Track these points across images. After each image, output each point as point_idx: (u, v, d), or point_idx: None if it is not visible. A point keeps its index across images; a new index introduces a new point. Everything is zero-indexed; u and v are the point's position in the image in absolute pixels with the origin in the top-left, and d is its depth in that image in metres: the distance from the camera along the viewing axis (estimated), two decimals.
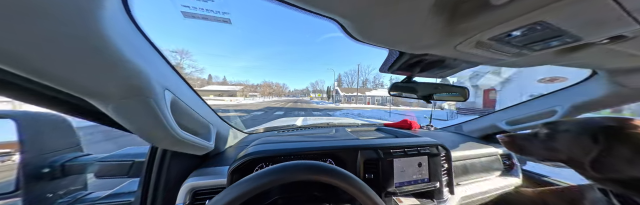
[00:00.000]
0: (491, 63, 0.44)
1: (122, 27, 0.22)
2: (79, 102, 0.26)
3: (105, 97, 0.25)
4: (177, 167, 0.48)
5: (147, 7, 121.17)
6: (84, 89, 0.23)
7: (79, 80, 0.22)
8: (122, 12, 0.22)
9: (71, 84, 0.22)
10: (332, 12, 0.25)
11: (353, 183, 0.30)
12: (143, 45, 0.26)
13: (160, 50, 0.30)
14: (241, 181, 0.27)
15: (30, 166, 0.39)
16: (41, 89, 0.23)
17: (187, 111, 0.39)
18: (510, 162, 0.83)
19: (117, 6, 0.20)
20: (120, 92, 0.25)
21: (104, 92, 0.24)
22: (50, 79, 0.20)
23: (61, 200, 0.45)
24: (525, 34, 0.29)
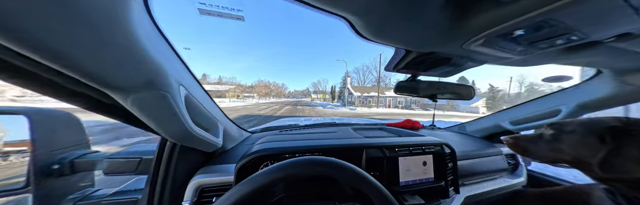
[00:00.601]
0: (497, 62, 0.45)
1: (145, 26, 0.23)
2: (100, 98, 0.27)
3: (126, 90, 0.26)
4: (184, 164, 0.49)
5: (163, 6, 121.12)
6: (108, 82, 0.24)
7: (104, 74, 0.23)
8: (144, 13, 0.23)
9: (97, 78, 0.23)
10: (343, 10, 0.25)
11: (367, 181, 0.30)
12: (161, 43, 0.27)
13: (175, 47, 0.31)
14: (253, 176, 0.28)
15: (40, 162, 0.40)
16: (65, 83, 0.24)
17: (198, 107, 0.40)
18: (515, 162, 0.83)
19: (141, 8, 0.21)
20: (139, 86, 0.26)
21: (125, 86, 0.25)
22: (83, 75, 0.22)
23: (70, 196, 0.45)
24: (532, 32, 0.29)
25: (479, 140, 0.92)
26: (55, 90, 0.24)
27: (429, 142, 0.63)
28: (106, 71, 0.23)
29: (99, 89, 0.24)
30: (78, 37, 0.18)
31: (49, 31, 0.17)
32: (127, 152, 0.50)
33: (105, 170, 0.47)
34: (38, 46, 0.18)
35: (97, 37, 0.19)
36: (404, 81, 0.58)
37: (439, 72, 0.54)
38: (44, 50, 0.18)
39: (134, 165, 0.48)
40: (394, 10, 0.25)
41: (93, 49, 0.20)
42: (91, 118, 0.56)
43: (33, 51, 0.18)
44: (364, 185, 0.30)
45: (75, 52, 0.19)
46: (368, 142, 0.60)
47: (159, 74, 0.26)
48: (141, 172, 0.49)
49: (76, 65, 0.20)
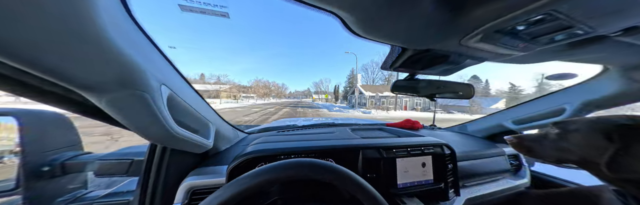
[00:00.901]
0: (497, 59, 0.43)
1: (117, 20, 0.22)
2: (77, 98, 0.26)
3: (99, 90, 0.25)
4: (176, 166, 0.48)
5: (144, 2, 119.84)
6: (77, 81, 0.23)
7: (71, 72, 0.22)
8: (120, 8, 0.22)
9: (64, 76, 0.22)
10: (332, 5, 0.24)
11: (354, 182, 0.29)
12: (139, 39, 0.26)
13: (158, 45, 0.30)
14: (239, 179, 0.26)
15: (30, 164, 0.39)
16: (39, 83, 0.23)
17: (185, 108, 0.39)
18: (518, 163, 0.81)
19: (116, 3, 0.20)
20: (113, 86, 0.24)
21: (97, 85, 0.24)
22: (44, 71, 0.20)
23: (61, 198, 0.45)
24: (533, 26, 0.28)
25: (481, 141, 0.90)
26: (33, 92, 0.23)
27: (427, 143, 0.61)
28: (70, 67, 0.21)
29: (69, 87, 0.23)
30: (34, 26, 0.17)
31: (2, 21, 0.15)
32: (119, 153, 0.50)
33: (97, 172, 0.46)
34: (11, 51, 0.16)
35: (57, 28, 0.18)
36: (402, 80, 0.56)
37: (437, 71, 0.52)
38: (13, 57, 0.17)
39: (125, 167, 0.48)
40: (384, 4, 0.23)
41: (52, 41, 0.18)
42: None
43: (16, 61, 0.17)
44: (355, 189, 0.29)
45: (30, 43, 0.18)
46: (365, 142, 0.59)
47: (134, 73, 0.25)
48: (133, 173, 0.48)
49: (32, 59, 0.19)
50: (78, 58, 0.21)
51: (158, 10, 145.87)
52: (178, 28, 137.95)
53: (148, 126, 0.30)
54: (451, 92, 0.61)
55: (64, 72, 0.21)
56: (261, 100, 48.84)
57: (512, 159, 0.81)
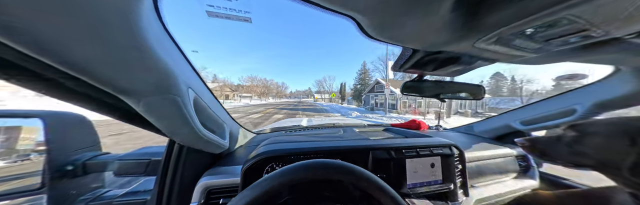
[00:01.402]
0: (508, 60, 0.43)
1: (155, 29, 0.23)
2: (113, 101, 0.28)
3: (137, 94, 0.26)
4: (191, 166, 0.49)
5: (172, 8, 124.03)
6: (119, 86, 0.24)
7: (115, 78, 0.23)
8: (154, 16, 0.23)
9: (107, 82, 0.23)
10: (351, 9, 0.24)
11: (374, 183, 0.30)
12: (170, 46, 0.27)
13: (183, 50, 0.31)
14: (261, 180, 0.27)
15: (55, 164, 0.41)
16: (78, 87, 0.24)
17: (205, 110, 0.40)
18: (527, 164, 0.80)
19: (151, 11, 0.22)
20: (150, 90, 0.26)
21: (136, 90, 0.26)
22: (91, 77, 0.22)
23: (82, 197, 0.46)
24: (549, 29, 0.28)
25: (488, 141, 0.90)
26: (70, 95, 0.25)
27: (437, 144, 0.62)
28: (117, 75, 0.23)
29: (111, 93, 0.25)
30: (88, 40, 0.19)
31: (59, 34, 0.17)
32: (137, 153, 0.51)
33: (116, 172, 0.48)
34: (48, 49, 0.18)
35: (107, 40, 0.19)
36: (412, 81, 0.57)
37: (447, 72, 0.52)
38: (54, 54, 0.18)
39: (143, 167, 0.49)
40: (404, 8, 0.24)
41: (103, 52, 0.20)
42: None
43: (44, 55, 0.18)
44: (375, 190, 0.30)
45: (86, 55, 0.19)
46: (374, 143, 0.59)
47: (169, 78, 0.27)
48: (150, 173, 0.49)
49: (86, 68, 0.21)
50: (124, 66, 0.22)
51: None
52: (176, 28, 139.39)
53: (179, 128, 0.31)
54: (461, 93, 0.61)
55: (111, 79, 0.23)
56: (257, 100, 45.37)
57: (520, 160, 0.80)
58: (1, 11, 0.14)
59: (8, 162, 0.34)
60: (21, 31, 0.16)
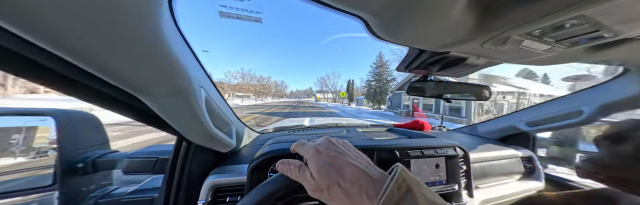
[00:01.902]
0: (516, 60, 0.43)
1: (171, 30, 0.24)
2: (131, 102, 0.29)
3: (153, 94, 0.27)
4: (198, 164, 0.50)
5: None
6: (138, 86, 0.25)
7: (135, 78, 0.24)
8: (170, 18, 0.24)
9: (128, 82, 0.24)
10: (361, 9, 0.24)
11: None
12: (183, 46, 0.27)
13: (194, 50, 0.32)
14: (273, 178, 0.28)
15: (66, 161, 0.42)
16: (102, 88, 0.25)
17: (214, 109, 0.41)
18: (532, 165, 0.80)
19: (167, 14, 0.22)
20: (166, 89, 0.27)
21: (152, 89, 0.26)
22: (113, 77, 0.23)
23: (92, 194, 0.47)
24: (559, 30, 0.27)
25: (493, 142, 0.89)
26: (88, 94, 0.26)
27: (441, 144, 0.62)
28: (136, 75, 0.24)
29: (129, 92, 0.25)
30: (112, 43, 0.19)
31: (81, 33, 0.18)
32: (145, 152, 0.52)
33: (125, 169, 0.48)
34: (72, 47, 0.19)
35: (128, 43, 0.20)
36: (417, 82, 0.57)
37: (452, 72, 0.52)
38: (78, 52, 0.19)
39: (151, 165, 0.50)
40: (414, 10, 0.24)
41: (124, 54, 0.21)
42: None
43: (69, 53, 0.19)
44: None
45: (109, 56, 0.20)
46: (379, 144, 0.59)
47: (184, 78, 0.27)
48: (157, 171, 0.50)
49: (109, 69, 0.22)
50: (142, 67, 0.23)
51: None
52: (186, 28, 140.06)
53: (192, 126, 0.32)
54: (467, 93, 0.61)
55: (130, 79, 0.24)
56: (252, 100, 38.39)
57: (525, 161, 0.80)
58: (38, 18, 0.15)
59: (28, 158, 0.35)
60: (57, 35, 0.17)
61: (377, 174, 0.21)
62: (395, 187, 0.18)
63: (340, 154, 0.25)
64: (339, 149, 0.26)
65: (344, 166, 0.22)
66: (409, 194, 0.18)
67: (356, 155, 0.26)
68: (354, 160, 0.24)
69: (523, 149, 0.81)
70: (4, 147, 0.35)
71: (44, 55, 0.19)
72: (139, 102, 0.28)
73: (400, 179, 0.19)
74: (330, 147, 0.26)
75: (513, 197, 0.69)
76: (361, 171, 0.22)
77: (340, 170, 0.22)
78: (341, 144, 0.28)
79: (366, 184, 0.20)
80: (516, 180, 0.76)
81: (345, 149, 0.26)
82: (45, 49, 0.18)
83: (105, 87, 0.25)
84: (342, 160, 0.23)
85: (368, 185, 0.20)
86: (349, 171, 0.22)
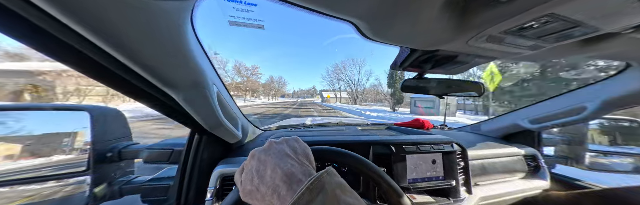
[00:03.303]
0: (507, 57, 0.44)
1: (191, 37, 0.29)
2: (159, 96, 0.35)
3: (180, 89, 0.33)
4: (209, 156, 0.55)
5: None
6: (168, 82, 0.31)
7: (167, 76, 0.30)
8: (190, 27, 0.29)
9: (162, 79, 0.30)
10: (350, 15, 0.27)
11: (368, 166, 0.33)
12: (199, 49, 0.33)
13: (208, 52, 0.37)
14: None
15: (98, 151, 0.48)
16: (138, 82, 0.31)
17: (224, 104, 0.46)
18: (536, 164, 0.78)
19: (188, 24, 0.27)
20: (188, 85, 0.33)
21: (178, 85, 0.32)
22: (150, 73, 0.29)
23: (118, 180, 0.53)
24: (538, 27, 0.29)
25: (495, 141, 0.88)
26: (129, 89, 0.32)
27: (438, 141, 0.63)
28: (168, 73, 0.30)
29: (161, 88, 0.31)
30: (151, 47, 0.25)
31: (138, 44, 0.24)
32: (162, 144, 0.58)
33: (145, 160, 0.55)
34: (131, 56, 0.25)
35: (161, 47, 0.26)
36: (411, 80, 0.59)
37: (446, 70, 0.54)
38: (134, 60, 0.25)
39: (167, 156, 0.56)
40: (397, 13, 0.26)
41: (159, 56, 0.27)
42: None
43: (128, 59, 0.25)
44: (372, 175, 0.33)
45: (148, 57, 0.26)
46: (375, 139, 0.62)
47: (202, 76, 0.33)
48: (173, 162, 0.56)
49: (150, 68, 0.28)
50: (173, 66, 0.29)
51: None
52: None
53: (208, 117, 0.38)
54: (462, 90, 0.62)
55: (164, 77, 0.30)
56: (240, 100, 27.90)
57: (529, 160, 0.78)
58: (107, 27, 0.21)
59: (74, 155, 0.45)
60: (116, 39, 0.22)
61: (303, 176, 0.21)
62: (309, 189, 0.18)
63: (272, 157, 0.24)
64: (275, 151, 0.26)
65: (268, 169, 0.23)
66: (321, 195, 0.18)
67: (295, 154, 0.25)
68: (283, 162, 0.23)
69: (527, 148, 0.80)
70: (58, 147, 0.44)
71: (104, 56, 0.24)
72: (165, 98, 0.34)
73: (318, 181, 0.19)
74: (265, 151, 0.26)
75: (516, 196, 0.68)
76: (282, 174, 0.22)
77: (263, 175, 0.22)
78: (284, 144, 0.28)
79: (282, 185, 0.20)
80: (519, 179, 0.74)
81: (285, 149, 0.26)
82: (107, 51, 0.23)
83: (143, 84, 0.31)
84: (270, 163, 0.23)
85: (283, 187, 0.20)
86: (270, 174, 0.22)
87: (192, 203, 0.53)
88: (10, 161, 0.39)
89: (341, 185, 0.21)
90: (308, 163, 0.25)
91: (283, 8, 0.28)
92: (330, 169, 0.22)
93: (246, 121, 0.74)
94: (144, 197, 0.53)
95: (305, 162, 0.25)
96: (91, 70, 0.27)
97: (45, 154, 0.43)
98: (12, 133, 0.41)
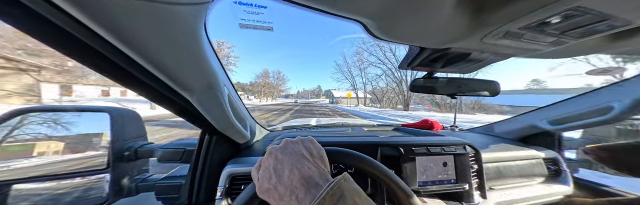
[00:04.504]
0: (524, 54, 0.41)
1: (205, 41, 0.30)
2: (174, 98, 0.37)
3: (193, 88, 0.34)
4: (218, 155, 0.57)
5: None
6: (182, 83, 0.32)
7: (182, 78, 0.32)
8: (204, 32, 0.30)
9: (178, 81, 0.32)
10: (358, 14, 0.27)
11: (380, 169, 0.32)
12: (211, 52, 0.34)
13: (219, 55, 0.39)
14: None
15: (116, 149, 0.51)
16: (155, 85, 0.32)
17: (234, 105, 0.48)
18: (557, 168, 0.73)
19: (202, 29, 0.28)
20: (202, 86, 0.34)
21: (193, 85, 0.34)
22: (167, 76, 0.30)
23: (134, 178, 0.56)
24: (561, 21, 0.26)
25: (511, 142, 0.84)
26: (149, 92, 0.34)
27: (448, 142, 0.61)
28: (184, 75, 0.31)
29: (176, 89, 0.33)
30: (170, 51, 0.27)
31: (158, 47, 0.25)
32: (174, 143, 0.61)
33: (159, 158, 0.57)
34: (152, 61, 0.26)
35: (180, 49, 0.27)
36: (420, 79, 0.57)
37: (458, 68, 0.52)
38: (154, 63, 0.27)
39: (179, 155, 0.58)
40: (408, 9, 0.25)
41: (177, 59, 0.28)
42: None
43: (149, 64, 0.26)
44: (383, 177, 0.32)
45: (166, 60, 0.28)
46: (383, 140, 0.61)
47: (214, 77, 0.34)
48: (185, 161, 0.58)
49: (168, 70, 0.29)
50: (189, 69, 0.31)
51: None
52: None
53: (220, 117, 0.39)
54: (474, 90, 0.60)
55: (180, 79, 0.31)
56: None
57: (549, 163, 0.74)
58: (128, 32, 0.22)
59: (100, 152, 0.49)
60: (136, 42, 0.23)
61: (320, 180, 0.22)
62: (329, 194, 0.19)
63: (289, 157, 0.25)
64: (291, 150, 0.26)
65: (286, 169, 0.23)
66: (340, 201, 0.19)
67: (311, 156, 0.26)
68: (300, 163, 0.24)
69: (546, 150, 0.75)
70: (90, 145, 0.51)
71: (127, 60, 0.26)
72: (179, 99, 0.35)
73: (336, 186, 0.20)
74: (282, 149, 0.26)
75: (535, 201, 0.64)
76: (300, 176, 0.22)
77: (281, 174, 0.23)
78: (299, 144, 0.28)
79: (300, 188, 0.21)
80: (539, 183, 0.70)
81: (301, 149, 0.26)
82: (127, 54, 0.25)
83: (160, 86, 0.32)
84: (287, 163, 0.24)
85: (301, 190, 0.20)
86: (287, 175, 0.22)
87: (202, 201, 0.55)
88: (58, 155, 0.47)
89: (358, 192, 0.21)
90: (323, 166, 0.26)
91: (283, 7, 0.28)
92: (346, 174, 0.22)
93: (253, 122, 0.75)
94: (158, 195, 0.56)
95: (320, 165, 0.25)
96: (115, 74, 0.28)
97: (79, 150, 0.50)
98: (52, 133, 0.47)
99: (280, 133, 0.92)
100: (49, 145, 0.46)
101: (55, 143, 0.47)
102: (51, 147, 0.46)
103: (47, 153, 0.45)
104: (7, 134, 0.42)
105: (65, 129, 0.48)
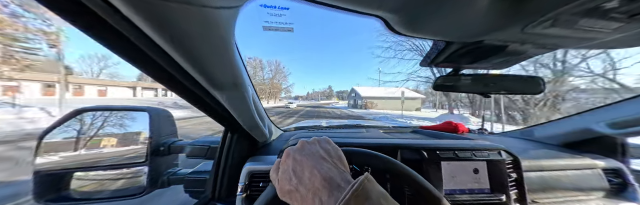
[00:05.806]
0: (577, 45, 0.34)
1: (233, 45, 0.32)
2: (204, 97, 0.40)
3: (223, 88, 0.37)
4: (239, 153, 0.60)
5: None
6: (215, 84, 0.36)
7: (215, 79, 0.34)
8: (233, 28, 0.31)
9: (209, 78, 0.34)
10: (379, 9, 0.25)
11: (404, 170, 0.30)
12: (237, 55, 0.36)
13: (243, 58, 0.42)
14: None
15: (154, 145, 0.58)
16: (190, 84, 0.36)
17: (256, 105, 0.50)
18: (621, 181, 0.61)
19: (233, 34, 0.30)
20: (231, 87, 0.37)
21: (223, 85, 0.37)
22: (202, 77, 0.33)
23: (167, 171, 0.62)
24: (630, 2, 0.21)
25: (556, 149, 0.72)
26: (184, 92, 0.38)
27: (480, 147, 0.55)
28: (217, 76, 0.34)
29: (207, 89, 0.36)
30: (208, 54, 0.29)
31: (196, 48, 0.27)
32: (201, 141, 0.66)
33: (188, 154, 0.63)
34: (190, 60, 0.28)
35: (215, 51, 0.29)
36: (445, 76, 0.53)
37: (490, 64, 0.46)
38: (192, 63, 0.29)
39: (204, 152, 0.63)
40: (435, 1, 0.23)
41: (211, 62, 0.31)
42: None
43: (187, 63, 0.28)
44: (410, 180, 0.30)
45: (204, 62, 0.30)
46: (403, 142, 0.57)
47: (241, 78, 0.37)
48: (209, 157, 0.63)
49: (203, 71, 0.32)
50: (221, 71, 0.34)
51: None
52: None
53: (245, 115, 0.42)
54: (511, 88, 0.53)
55: (213, 79, 0.34)
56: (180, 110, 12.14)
57: (610, 174, 0.61)
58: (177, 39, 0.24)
59: (142, 146, 0.57)
60: (178, 47, 0.26)
61: (341, 181, 0.21)
62: (353, 196, 0.18)
63: (307, 158, 0.24)
64: (309, 151, 0.26)
65: (306, 171, 0.23)
66: (367, 203, 0.18)
67: (329, 156, 0.25)
68: (319, 165, 0.23)
69: (606, 159, 0.63)
70: (135, 141, 0.59)
71: (167, 59, 0.28)
72: (210, 99, 0.39)
73: (361, 187, 0.19)
74: (300, 151, 0.26)
75: None
76: (321, 177, 0.21)
77: (301, 175, 0.22)
78: (316, 144, 0.28)
79: (322, 189, 0.20)
80: (597, 199, 0.59)
81: (319, 150, 0.26)
82: (170, 54, 0.27)
83: (194, 86, 0.35)
84: (306, 164, 0.23)
85: (323, 192, 0.20)
86: (307, 176, 0.22)
87: (224, 196, 0.58)
88: (113, 148, 0.57)
89: (384, 194, 0.21)
90: (343, 167, 0.25)
91: (304, 13, 0.27)
92: (369, 175, 0.21)
93: (269, 121, 0.78)
94: (186, 188, 0.61)
95: (340, 166, 0.25)
96: (157, 74, 0.31)
97: (128, 144, 0.58)
98: (107, 130, 0.57)
99: (294, 133, 0.93)
100: (109, 139, 0.56)
101: (111, 138, 0.57)
102: (110, 141, 0.56)
103: (107, 146, 0.56)
104: (80, 129, 0.53)
105: (118, 125, 0.58)
